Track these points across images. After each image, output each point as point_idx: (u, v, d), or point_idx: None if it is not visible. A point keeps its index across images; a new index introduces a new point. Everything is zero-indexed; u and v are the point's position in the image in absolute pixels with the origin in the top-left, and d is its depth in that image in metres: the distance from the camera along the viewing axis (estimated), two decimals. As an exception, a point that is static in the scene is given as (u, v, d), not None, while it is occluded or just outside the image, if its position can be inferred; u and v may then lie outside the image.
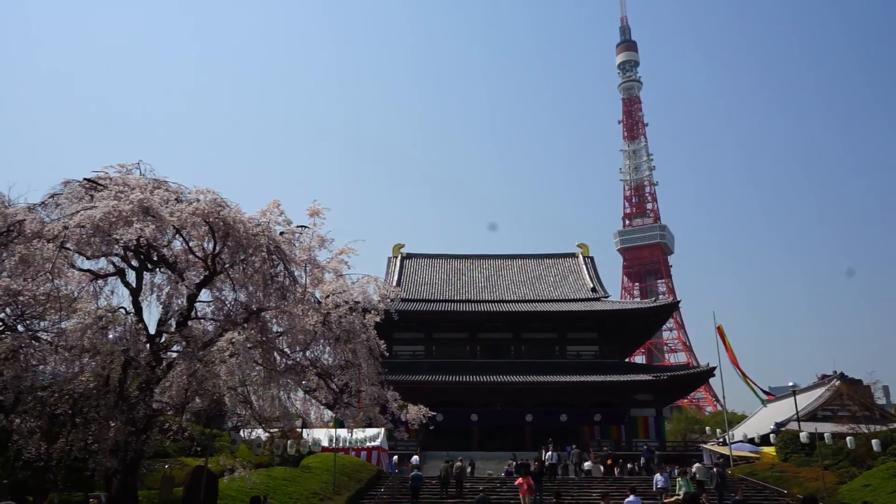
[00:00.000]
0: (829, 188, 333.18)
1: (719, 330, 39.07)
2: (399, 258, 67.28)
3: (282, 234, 14.35)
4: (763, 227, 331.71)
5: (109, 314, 12.79)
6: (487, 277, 65.44)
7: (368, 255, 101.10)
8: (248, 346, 12.93)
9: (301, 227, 14.99)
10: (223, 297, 14.35)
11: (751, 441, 42.71)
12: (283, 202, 14.49)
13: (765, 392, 40.02)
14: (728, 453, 36.58)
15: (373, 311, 15.37)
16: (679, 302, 58.67)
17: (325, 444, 32.02)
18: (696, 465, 32.98)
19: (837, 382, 49.95)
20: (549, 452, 34.07)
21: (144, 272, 13.91)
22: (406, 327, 55.42)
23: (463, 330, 57.07)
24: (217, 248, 13.71)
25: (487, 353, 56.52)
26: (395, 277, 62.84)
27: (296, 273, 14.46)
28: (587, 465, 39.78)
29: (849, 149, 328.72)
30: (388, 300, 15.50)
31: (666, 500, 22.62)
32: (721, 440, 45.06)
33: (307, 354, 15.33)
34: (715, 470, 27.60)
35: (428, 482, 31.46)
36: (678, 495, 22.60)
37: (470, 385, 49.49)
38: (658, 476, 27.04)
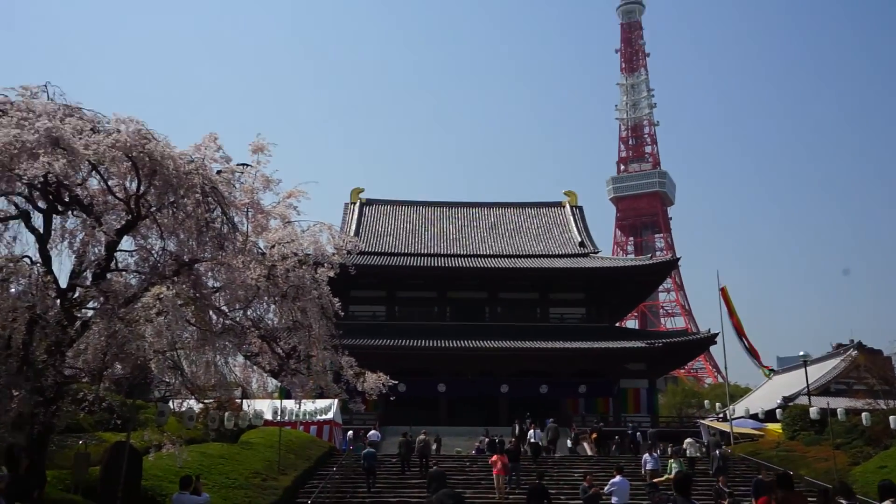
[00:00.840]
0: (855, 132, 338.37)
1: (723, 292, 39.89)
2: (357, 204, 67.02)
3: (219, 172, 14.07)
4: (776, 179, 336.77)
5: (11, 264, 12.49)
6: (460, 228, 65.60)
7: (322, 201, 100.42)
8: (179, 302, 12.80)
9: (242, 165, 14.72)
10: (149, 246, 14.12)
11: (754, 417, 44.10)
12: (223, 138, 14.19)
13: (765, 365, 41.20)
14: (729, 430, 37.73)
15: (326, 265, 15.29)
16: (678, 260, 59.72)
17: (268, 417, 32.25)
18: (688, 440, 34.06)
19: (854, 353, 51.42)
20: (532, 430, 34.68)
21: (54, 215, 13.57)
22: (365, 284, 55.48)
23: (430, 288, 57.39)
24: (142, 187, 13.42)
25: (458, 315, 57.05)
26: (353, 226, 62.68)
27: (235, 219, 14.26)
28: (570, 442, 40.75)
29: (877, 85, 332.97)
30: (345, 252, 15.44)
31: (655, 481, 23.33)
32: (721, 415, 46.49)
33: (248, 313, 15.26)
34: (717, 452, 28.23)
35: (388, 461, 32.01)
36: (669, 476, 23.32)
37: (437, 351, 50.04)
38: (647, 456, 27.52)
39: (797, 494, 6.61)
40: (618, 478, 20.34)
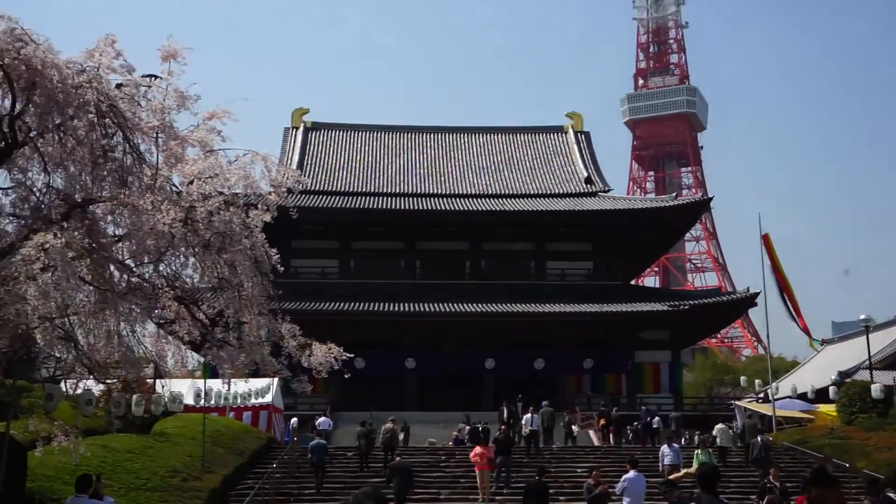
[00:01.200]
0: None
1: (765, 240, 40.25)
2: (301, 129, 66.61)
3: (119, 87, 13.79)
4: (835, 100, 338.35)
5: None
6: (434, 160, 65.48)
7: (256, 125, 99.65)
8: (70, 254, 12.64)
9: (150, 76, 14.44)
10: (29, 182, 13.89)
11: (802, 397, 45.01)
12: (128, 44, 13.88)
13: (812, 336, 41.80)
14: (770, 413, 38.49)
15: (261, 206, 15.19)
16: (711, 200, 59.93)
17: (189, 401, 32.34)
18: (719, 425, 34.68)
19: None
20: (528, 415, 34.96)
21: None
22: (311, 233, 55.39)
23: (396, 237, 57.46)
24: (17, 105, 13.15)
25: (432, 271, 57.31)
26: (296, 157, 62.42)
27: (142, 147, 14.04)
28: (575, 429, 41.31)
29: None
30: (284, 190, 15.31)
31: (671, 477, 23.77)
32: (762, 396, 47.37)
33: (161, 269, 15.15)
34: (759, 439, 28.73)
35: (342, 455, 32.33)
36: (690, 470, 23.67)
37: (405, 317, 50.31)
38: (665, 448, 27.72)
39: (835, 492, 6.73)
40: (631, 473, 20.48)
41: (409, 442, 38.29)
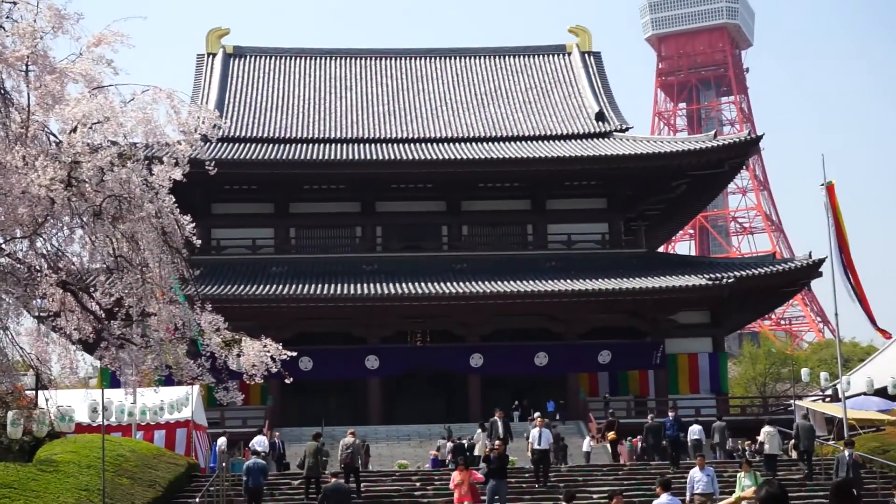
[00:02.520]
0: None
1: (830, 191, 40.26)
2: (220, 57, 66.05)
3: (-28, 3, 13.64)
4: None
5: None
6: (399, 94, 65.20)
7: (160, 52, 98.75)
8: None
9: (13, -11, 14.31)
10: None
11: (881, 393, 45.27)
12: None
13: (879, 328, 41.82)
14: (840, 414, 38.74)
15: (168, 160, 15.10)
16: (761, 138, 59.91)
17: (83, 418, 32.19)
18: (766, 429, 34.93)
19: None
20: (537, 429, 34.05)
21: None
22: (238, 193, 55.28)
23: (350, 197, 57.35)
24: None
25: (398, 240, 57.36)
26: (213, 93, 62.00)
27: (7, 83, 13.92)
28: (586, 444, 41.42)
29: None
30: (199, 138, 15.20)
31: None
32: (829, 393, 47.61)
33: (39, 246, 15.07)
34: (846, 454, 28.77)
35: (286, 481, 32.31)
36: (743, 496, 23.64)
37: (363, 302, 50.24)
38: (696, 473, 27.35)
39: None
40: (665, 497, 20.67)
41: (369, 463, 38.26)
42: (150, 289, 14.90)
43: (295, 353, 17.01)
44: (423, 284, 51.02)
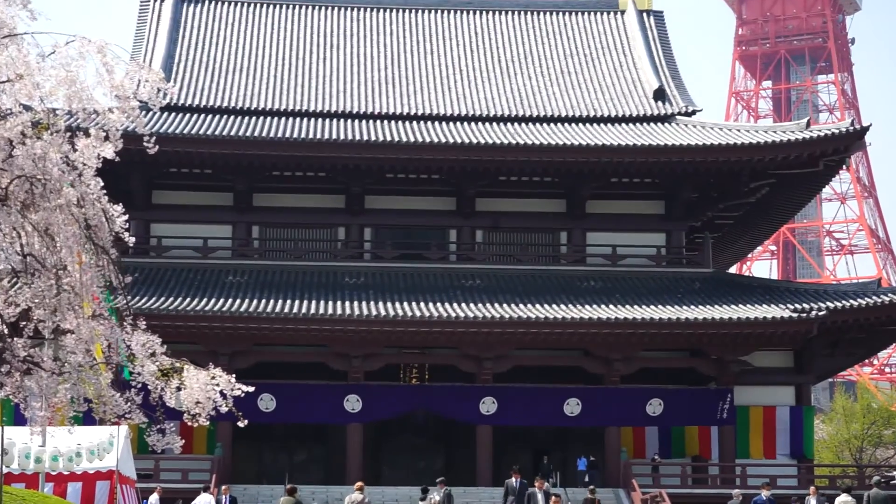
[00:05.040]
0: None
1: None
2: (170, 2, 65.95)
3: None
4: None
5: None
6: (399, 58, 65.20)
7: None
8: None
9: None
10: None
11: None
12: None
13: None
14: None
15: (96, 132, 15.15)
16: (867, 129, 59.72)
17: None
18: (844, 498, 35.13)
19: None
20: (537, 494, 34.12)
21: None
22: (187, 179, 55.46)
23: (332, 188, 57.36)
24: None
25: (391, 245, 57.21)
26: (160, 49, 62.14)
27: None
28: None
29: None
30: (135, 107, 15.24)
31: None
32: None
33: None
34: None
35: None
36: None
37: (345, 325, 50.15)
38: None
39: None
40: None
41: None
42: (68, 298, 14.88)
43: (253, 389, 17.02)
44: (422, 305, 50.91)
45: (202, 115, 56.64)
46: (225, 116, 57.24)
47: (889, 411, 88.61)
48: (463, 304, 50.99)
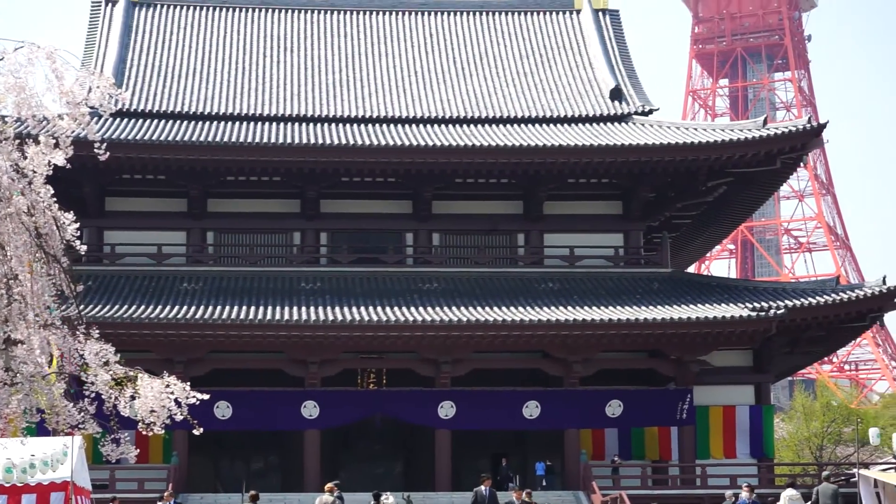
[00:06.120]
0: None
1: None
2: (122, 5, 65.78)
3: None
4: None
5: None
6: (354, 59, 65.22)
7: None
8: None
9: None
10: None
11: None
12: None
13: None
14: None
15: (45, 139, 15.14)
16: (824, 126, 59.95)
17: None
18: (788, 492, 35.40)
19: None
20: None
21: None
22: (140, 185, 55.31)
23: (287, 193, 57.33)
24: None
25: (347, 250, 57.26)
26: (112, 55, 61.94)
27: None
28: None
29: None
30: (85, 113, 15.22)
31: None
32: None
33: None
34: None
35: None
36: None
37: (301, 331, 50.04)
38: None
39: None
40: None
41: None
42: (19, 308, 14.84)
43: (208, 397, 17.01)
44: (379, 309, 50.92)
45: (155, 121, 56.44)
46: (178, 121, 57.04)
47: (848, 409, 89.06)
48: (420, 308, 51.03)
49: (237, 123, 57.59)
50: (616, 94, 61.75)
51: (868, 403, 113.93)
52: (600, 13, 68.42)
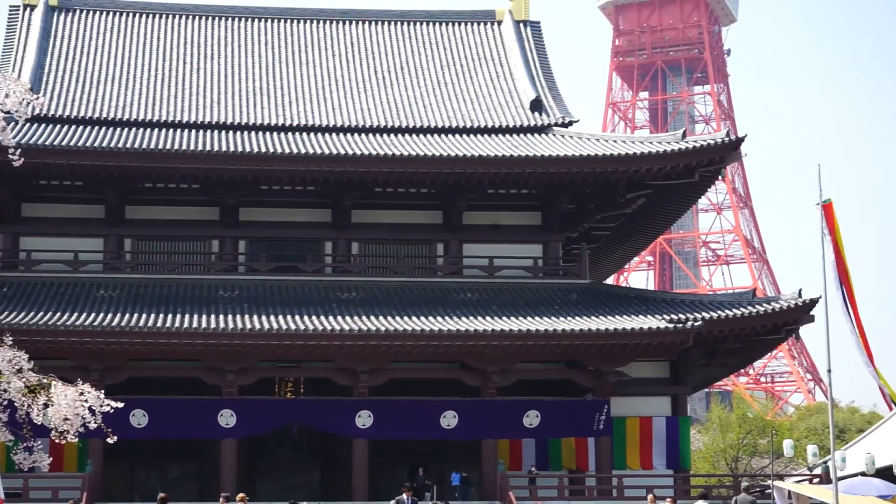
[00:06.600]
0: None
1: (827, 212, 40.86)
2: (41, 10, 65.17)
3: None
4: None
5: None
6: (274, 67, 65.00)
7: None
8: None
9: None
10: None
11: (885, 473, 45.85)
12: None
13: (885, 383, 42.51)
14: (830, 500, 39.25)
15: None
16: (742, 140, 60.24)
17: None
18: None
19: None
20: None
21: None
22: (57, 192, 54.91)
23: (205, 201, 57.00)
24: None
25: (266, 258, 57.00)
26: (29, 60, 61.34)
27: None
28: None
29: None
30: (1, 118, 15.17)
31: None
32: (817, 471, 47.93)
33: None
34: None
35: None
36: None
37: (218, 339, 49.68)
38: None
39: None
40: None
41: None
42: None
43: (122, 405, 16.95)
44: (297, 318, 50.63)
45: (73, 127, 55.92)
46: (97, 127, 56.57)
47: (764, 421, 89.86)
48: (339, 317, 50.86)
49: (156, 130, 57.24)
50: (536, 106, 61.90)
51: (783, 415, 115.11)
52: (521, 24, 68.54)
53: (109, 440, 17.95)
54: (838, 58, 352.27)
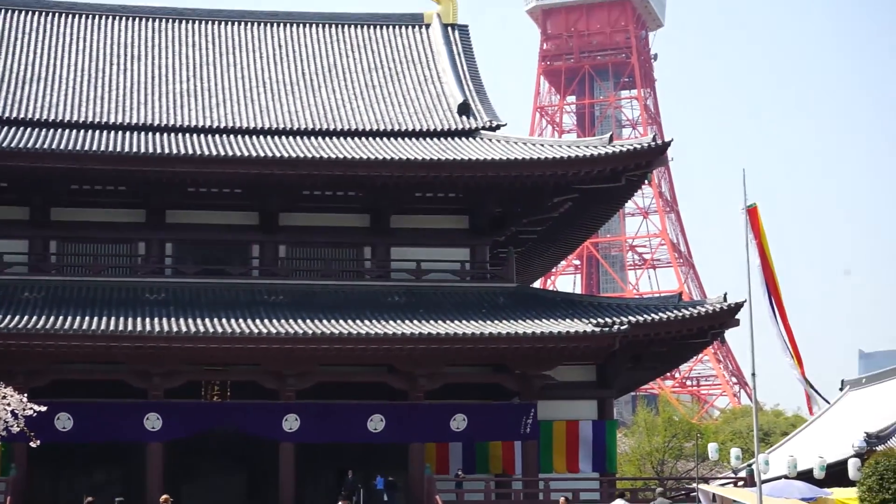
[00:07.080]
0: None
1: (752, 215, 41.15)
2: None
3: None
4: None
5: None
6: (202, 69, 64.74)
7: None
8: None
9: None
10: None
11: (806, 476, 46.25)
12: None
13: (812, 387, 42.88)
14: (753, 503, 39.60)
15: None
16: (669, 144, 60.43)
17: None
18: (619, 502, 36.05)
19: None
20: None
21: None
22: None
23: (132, 203, 56.63)
24: None
25: (192, 261, 56.75)
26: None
27: None
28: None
29: None
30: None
31: None
32: (742, 474, 48.22)
33: None
34: None
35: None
36: None
37: (144, 342, 49.32)
38: None
39: None
40: None
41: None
42: None
43: (46, 408, 16.88)
44: (224, 321, 50.42)
45: (4, 128, 55.49)
46: (21, 128, 56.03)
47: (690, 424, 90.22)
48: (265, 320, 50.67)
49: (82, 131, 56.78)
50: (464, 109, 61.95)
51: (709, 419, 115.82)
52: (450, 28, 68.59)
53: (33, 444, 17.86)
54: (765, 61, 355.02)
